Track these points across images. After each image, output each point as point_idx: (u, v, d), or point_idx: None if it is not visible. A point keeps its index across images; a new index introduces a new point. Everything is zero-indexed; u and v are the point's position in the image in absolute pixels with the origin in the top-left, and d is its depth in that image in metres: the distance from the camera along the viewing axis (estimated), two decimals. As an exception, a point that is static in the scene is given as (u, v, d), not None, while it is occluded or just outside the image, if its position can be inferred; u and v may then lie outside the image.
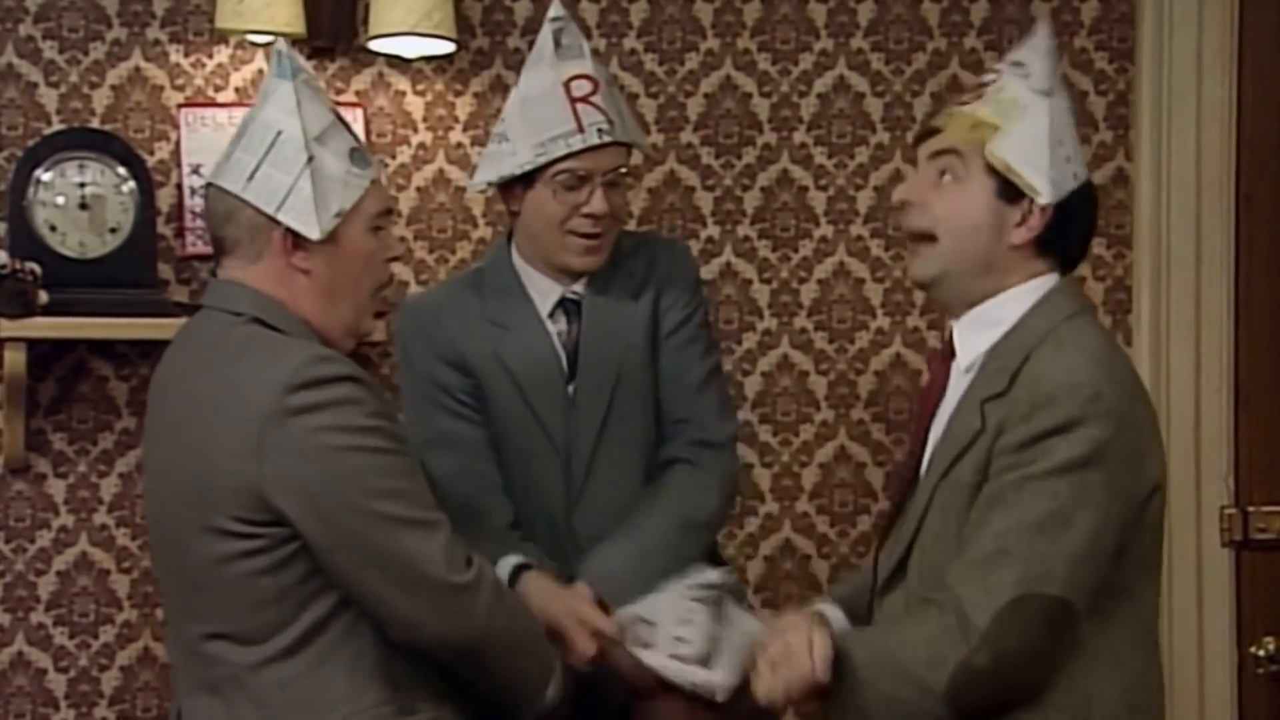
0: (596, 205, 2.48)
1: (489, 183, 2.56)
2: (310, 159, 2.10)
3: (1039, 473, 1.93)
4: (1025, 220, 2.06)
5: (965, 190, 2.08)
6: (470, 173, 2.96)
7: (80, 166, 2.99)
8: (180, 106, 3.11)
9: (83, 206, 2.98)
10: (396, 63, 3.16)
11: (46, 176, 2.98)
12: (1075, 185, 2.08)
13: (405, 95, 3.18)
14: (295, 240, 2.10)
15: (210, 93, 3.12)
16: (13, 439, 3.02)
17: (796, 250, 3.28)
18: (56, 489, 3.10)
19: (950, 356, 2.14)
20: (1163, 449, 2.07)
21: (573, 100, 2.48)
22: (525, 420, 2.52)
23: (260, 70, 3.09)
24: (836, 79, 3.28)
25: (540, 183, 2.49)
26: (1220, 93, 3.22)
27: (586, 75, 2.51)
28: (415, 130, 3.19)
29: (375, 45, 3.09)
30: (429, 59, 3.16)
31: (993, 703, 1.95)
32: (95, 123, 3.09)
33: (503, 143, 2.52)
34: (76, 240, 2.98)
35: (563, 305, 2.56)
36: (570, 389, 2.54)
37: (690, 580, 2.34)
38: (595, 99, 2.49)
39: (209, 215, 2.17)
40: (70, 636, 3.11)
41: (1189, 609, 3.21)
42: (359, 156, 2.16)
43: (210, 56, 3.13)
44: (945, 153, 2.10)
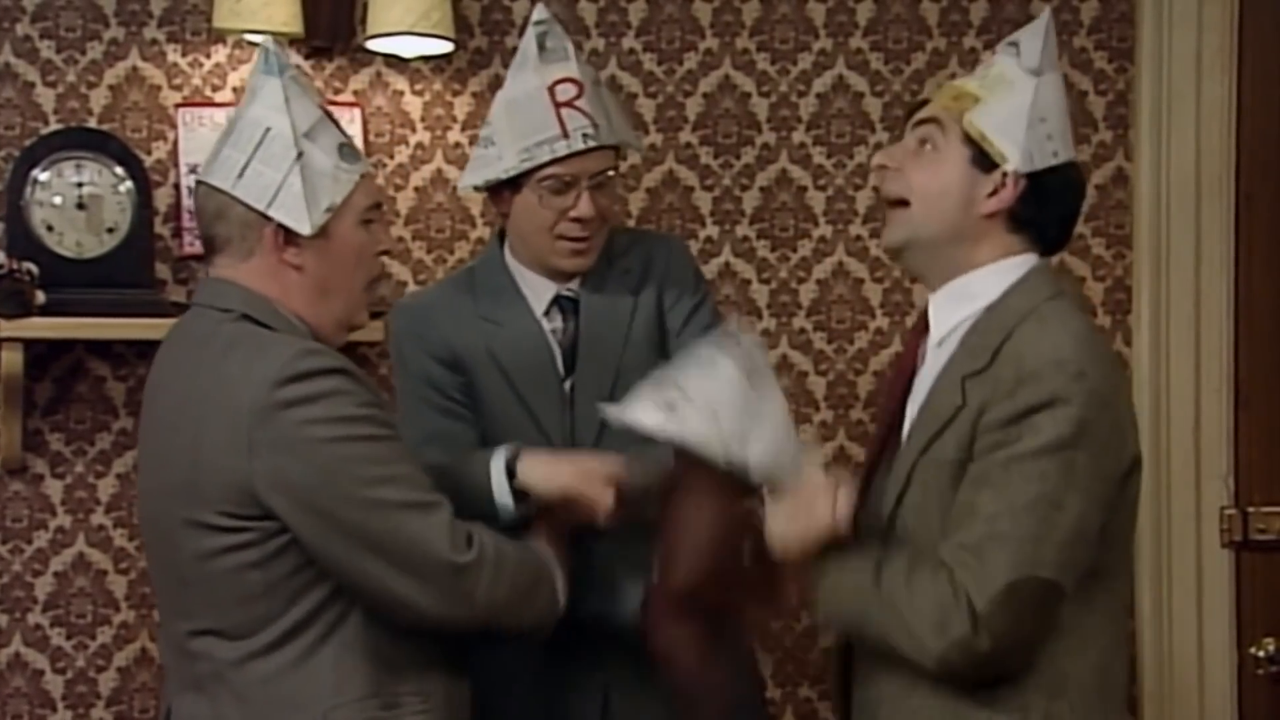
0: (583, 209, 2.48)
1: (475, 187, 2.57)
2: (300, 155, 2.11)
3: (1026, 452, 1.94)
4: (997, 190, 2.09)
5: (941, 158, 2.11)
6: (466, 168, 2.96)
7: (77, 166, 2.99)
8: (178, 106, 3.10)
9: (80, 206, 2.98)
10: (394, 62, 3.16)
11: (44, 176, 2.97)
12: (1054, 162, 2.10)
13: (403, 95, 3.18)
14: (286, 236, 2.11)
15: (208, 92, 3.12)
16: (10, 439, 3.01)
17: (795, 250, 3.27)
18: (54, 489, 3.09)
19: (924, 331, 2.16)
20: (1137, 427, 2.09)
21: (557, 105, 2.48)
22: (519, 417, 2.52)
23: (258, 70, 3.09)
24: (835, 79, 3.27)
25: (526, 187, 2.50)
26: (1220, 92, 3.21)
27: (571, 79, 2.51)
28: (413, 130, 3.18)
29: (373, 45, 3.09)
30: (427, 59, 3.16)
31: (977, 679, 1.98)
32: (92, 122, 3.09)
33: (489, 147, 2.52)
34: (74, 240, 2.97)
35: (558, 303, 2.56)
36: (567, 385, 2.54)
37: (719, 343, 2.22)
38: (580, 103, 2.49)
39: (199, 214, 2.18)
40: (67, 637, 3.10)
41: (1189, 610, 3.20)
42: (348, 151, 2.17)
43: (208, 56, 3.13)
44: (927, 121, 2.15)
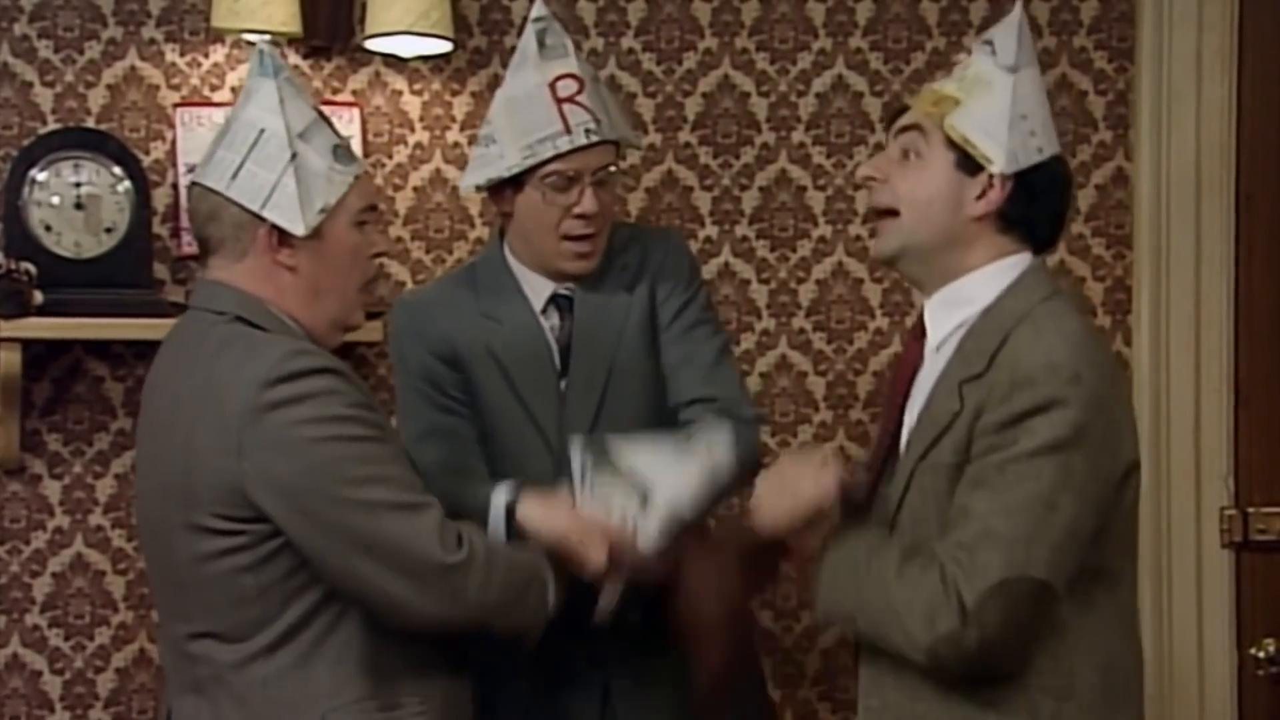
0: (587, 205, 2.48)
1: (477, 186, 2.57)
2: (294, 156, 2.12)
3: (1022, 454, 1.95)
4: (985, 193, 2.09)
5: (926, 165, 2.11)
6: (466, 168, 2.95)
7: (75, 166, 2.98)
8: (176, 106, 3.10)
9: (78, 206, 2.98)
10: (393, 62, 3.15)
11: (42, 176, 2.97)
12: (1039, 159, 2.10)
13: (402, 95, 3.17)
14: (280, 237, 2.11)
15: (206, 92, 3.11)
16: (7, 440, 3.00)
17: (795, 250, 3.27)
18: (52, 490, 3.09)
19: (922, 335, 2.16)
20: (1136, 430, 2.09)
21: (558, 101, 2.48)
22: (517, 415, 2.52)
23: (257, 70, 3.09)
24: (835, 78, 3.27)
25: (529, 185, 2.49)
26: (1220, 92, 3.21)
27: (572, 74, 2.51)
28: (412, 130, 3.18)
29: (372, 44, 3.08)
30: (426, 58, 3.15)
31: (966, 676, 1.98)
32: (90, 122, 3.08)
33: (490, 145, 2.52)
34: (72, 240, 2.97)
35: (555, 301, 2.56)
36: (562, 384, 2.53)
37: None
38: (581, 98, 2.49)
39: (193, 215, 2.19)
40: (65, 638, 3.09)
41: (1189, 610, 3.20)
42: (342, 153, 2.17)
43: (206, 56, 3.12)
44: (908, 129, 2.14)
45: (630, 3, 3.23)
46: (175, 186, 3.08)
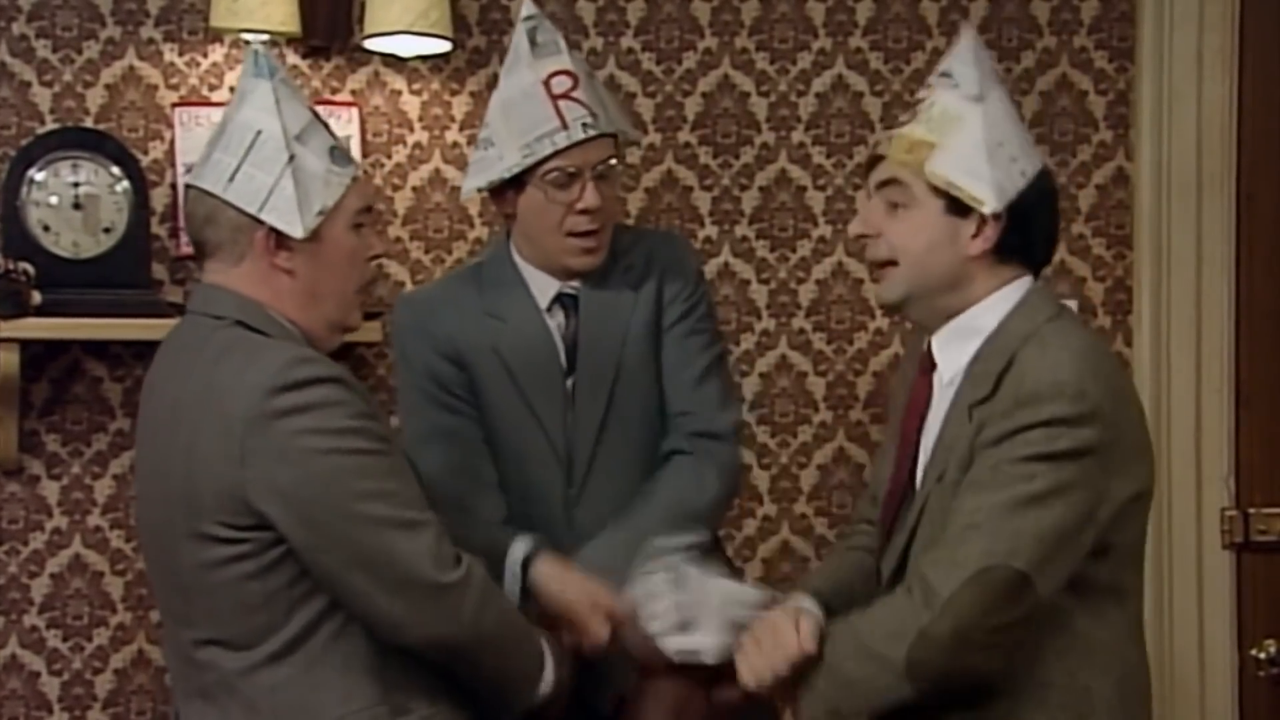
0: (589, 200, 2.48)
1: (479, 189, 2.56)
2: (291, 158, 2.10)
3: (1016, 458, 1.95)
4: (980, 231, 2.07)
5: (915, 215, 2.09)
6: (466, 173, 2.95)
7: (74, 166, 2.98)
8: (175, 106, 3.09)
9: (76, 206, 2.97)
10: (392, 62, 3.15)
11: (40, 176, 2.96)
12: (1024, 184, 2.08)
13: (401, 94, 3.17)
14: (278, 240, 2.10)
15: (205, 92, 3.11)
16: (6, 440, 3.00)
17: (795, 250, 3.26)
18: (50, 490, 3.08)
19: (931, 369, 2.15)
20: (1151, 449, 2.08)
21: (554, 97, 2.48)
22: (521, 416, 2.52)
23: (256, 69, 3.08)
24: (835, 78, 3.26)
25: (531, 184, 2.49)
26: (1221, 92, 3.21)
27: (565, 71, 2.50)
28: (411, 130, 3.17)
29: (371, 44, 3.08)
30: (425, 58, 3.15)
31: (952, 681, 1.96)
32: (89, 122, 3.08)
33: (488, 148, 2.52)
34: (70, 240, 2.96)
35: (560, 300, 2.56)
36: (569, 384, 2.53)
37: (651, 551, 2.31)
38: (576, 94, 2.49)
39: (189, 219, 2.17)
40: (64, 639, 3.09)
41: (1190, 611, 3.20)
42: (339, 154, 2.16)
43: (205, 55, 3.12)
44: (888, 184, 2.12)
45: (630, 2, 3.23)
46: (174, 186, 3.07)
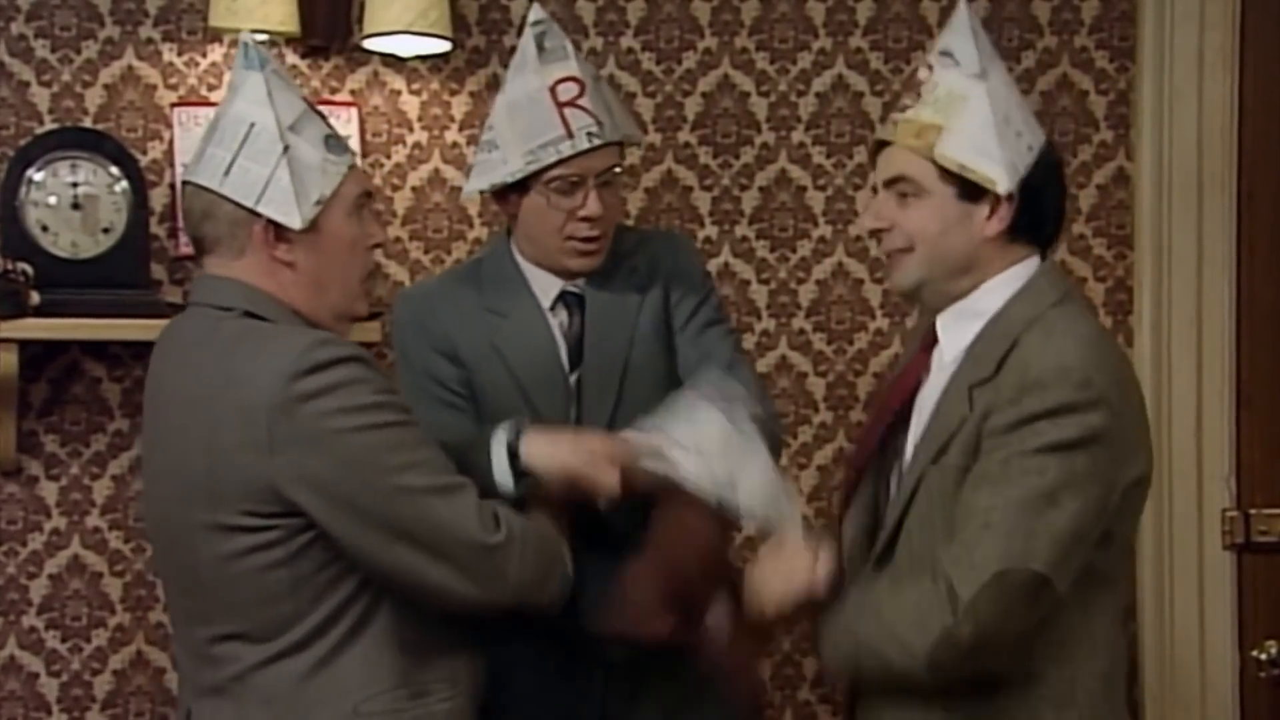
0: (592, 208, 2.47)
1: (481, 191, 2.56)
2: (286, 148, 2.09)
3: (1027, 450, 1.95)
4: (995, 211, 2.08)
5: (928, 202, 2.09)
6: (466, 173, 2.94)
7: (73, 166, 2.97)
8: (173, 106, 3.09)
9: (75, 206, 2.97)
10: (392, 62, 3.14)
11: (38, 176, 2.96)
12: (1032, 159, 2.08)
13: (400, 94, 3.16)
14: (277, 232, 2.08)
15: (204, 92, 3.10)
16: (4, 441, 2.99)
17: (795, 250, 3.26)
18: (48, 491, 3.08)
19: (933, 344, 2.15)
20: (1149, 437, 2.08)
21: (560, 105, 2.47)
22: (521, 411, 2.50)
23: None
24: (835, 78, 3.26)
25: (534, 189, 2.48)
26: (1222, 91, 3.20)
27: (573, 77, 2.49)
28: (410, 130, 3.17)
29: (370, 44, 3.07)
30: (424, 58, 3.14)
31: (971, 675, 1.98)
32: (88, 122, 3.07)
33: (492, 151, 2.51)
34: (69, 240, 2.96)
35: (564, 298, 2.55)
36: (573, 380, 2.52)
37: (701, 391, 2.28)
38: (582, 101, 2.48)
39: (186, 215, 2.15)
40: (62, 640, 3.08)
41: (1190, 612, 3.20)
42: (334, 143, 2.15)
43: (204, 55, 3.11)
44: (896, 180, 2.12)
45: (630, 2, 3.22)
46: (173, 186, 3.07)
